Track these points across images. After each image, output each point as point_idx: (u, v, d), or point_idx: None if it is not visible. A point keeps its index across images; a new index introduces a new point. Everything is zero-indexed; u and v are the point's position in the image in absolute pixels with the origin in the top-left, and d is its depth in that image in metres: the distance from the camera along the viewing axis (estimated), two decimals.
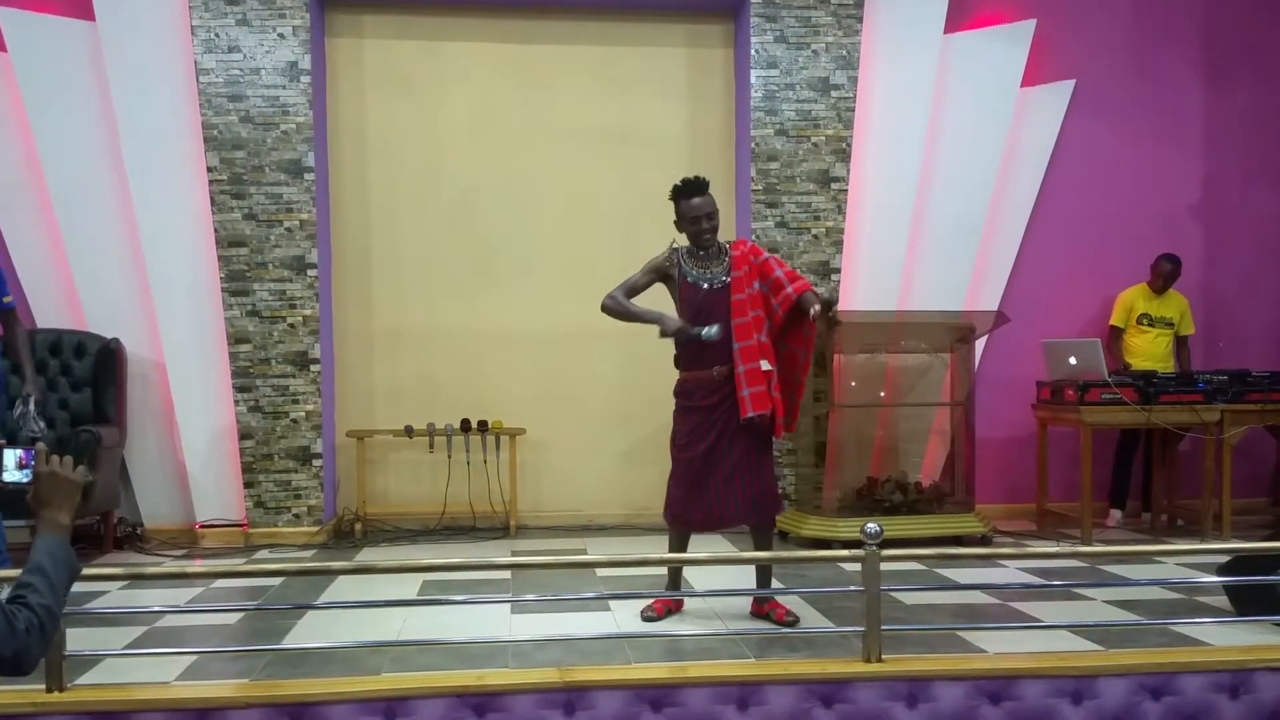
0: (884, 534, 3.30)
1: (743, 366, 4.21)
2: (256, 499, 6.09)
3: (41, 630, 1.93)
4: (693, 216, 4.28)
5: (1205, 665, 3.37)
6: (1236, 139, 7.10)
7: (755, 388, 4.17)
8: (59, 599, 2.01)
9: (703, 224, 4.27)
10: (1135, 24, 6.99)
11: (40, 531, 2.09)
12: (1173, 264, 6.55)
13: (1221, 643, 3.78)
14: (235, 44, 6.01)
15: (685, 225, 4.35)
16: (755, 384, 4.18)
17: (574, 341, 6.67)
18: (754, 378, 4.18)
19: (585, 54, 6.68)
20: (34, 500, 2.10)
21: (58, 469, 2.12)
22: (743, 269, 4.29)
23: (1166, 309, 6.62)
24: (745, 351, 4.22)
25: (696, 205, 4.27)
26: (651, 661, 3.60)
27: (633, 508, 6.66)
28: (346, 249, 6.54)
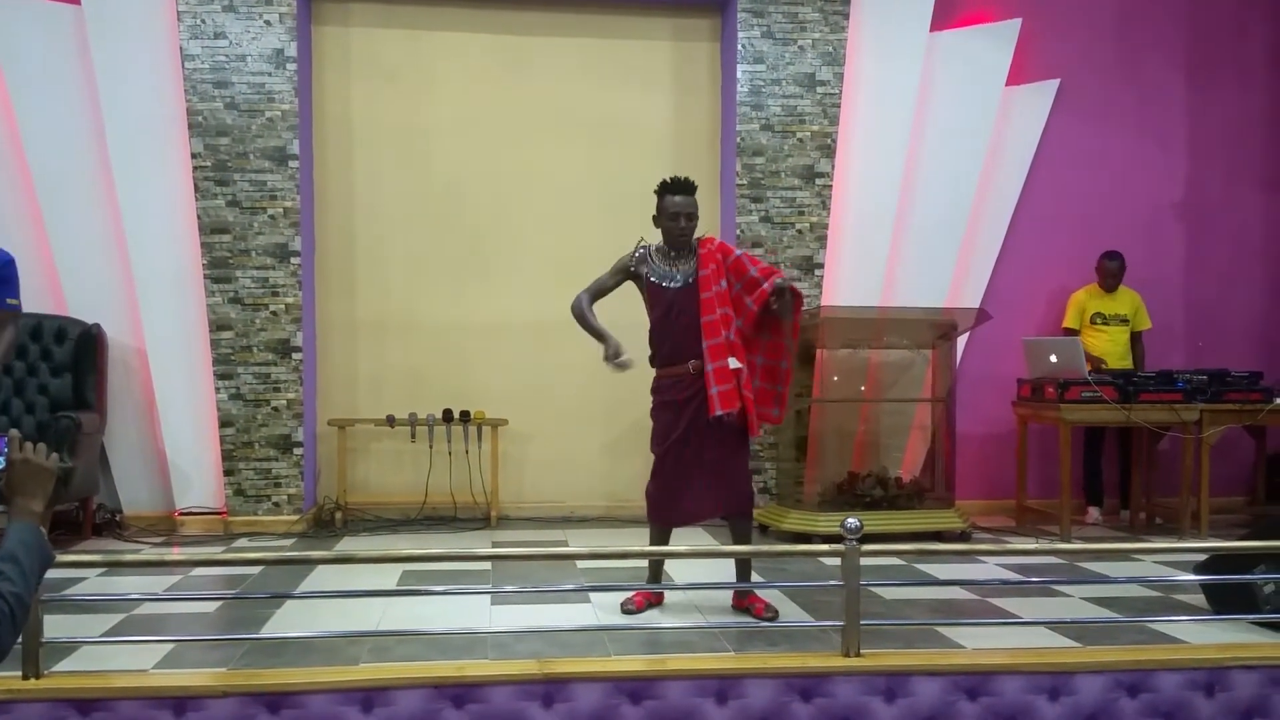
0: (864, 529, 3.32)
1: (711, 365, 4.23)
2: (236, 487, 6.06)
3: (12, 618, 1.92)
4: (672, 213, 4.32)
5: (1182, 663, 3.41)
6: (1218, 140, 7.15)
7: (724, 385, 4.19)
8: (30, 587, 1.99)
9: (680, 222, 4.31)
10: (1120, 25, 7.02)
11: (13, 519, 2.08)
12: (1116, 261, 6.56)
13: (1198, 641, 3.81)
14: (221, 30, 5.97)
15: (663, 220, 4.38)
16: (724, 382, 4.20)
17: (558, 333, 6.61)
18: (723, 375, 4.20)
19: (572, 46, 6.66)
20: (6, 488, 2.09)
21: (31, 456, 2.10)
22: (709, 267, 4.31)
23: (1119, 306, 6.64)
24: (714, 350, 4.25)
25: (678, 203, 4.32)
26: (631, 654, 3.60)
27: (614, 500, 6.67)
28: (330, 237, 6.51)
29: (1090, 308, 6.64)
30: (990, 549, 3.65)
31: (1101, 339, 6.60)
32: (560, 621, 4.03)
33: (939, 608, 4.37)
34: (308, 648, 3.68)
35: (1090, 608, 4.42)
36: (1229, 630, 3.95)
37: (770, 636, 3.86)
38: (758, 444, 6.36)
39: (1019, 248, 6.86)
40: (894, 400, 6.45)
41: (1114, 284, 6.61)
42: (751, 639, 3.83)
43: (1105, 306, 6.63)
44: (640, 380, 6.66)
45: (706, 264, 4.32)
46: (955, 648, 3.75)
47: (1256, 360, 6.92)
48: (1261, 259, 7.24)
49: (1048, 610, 4.36)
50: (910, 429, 6.49)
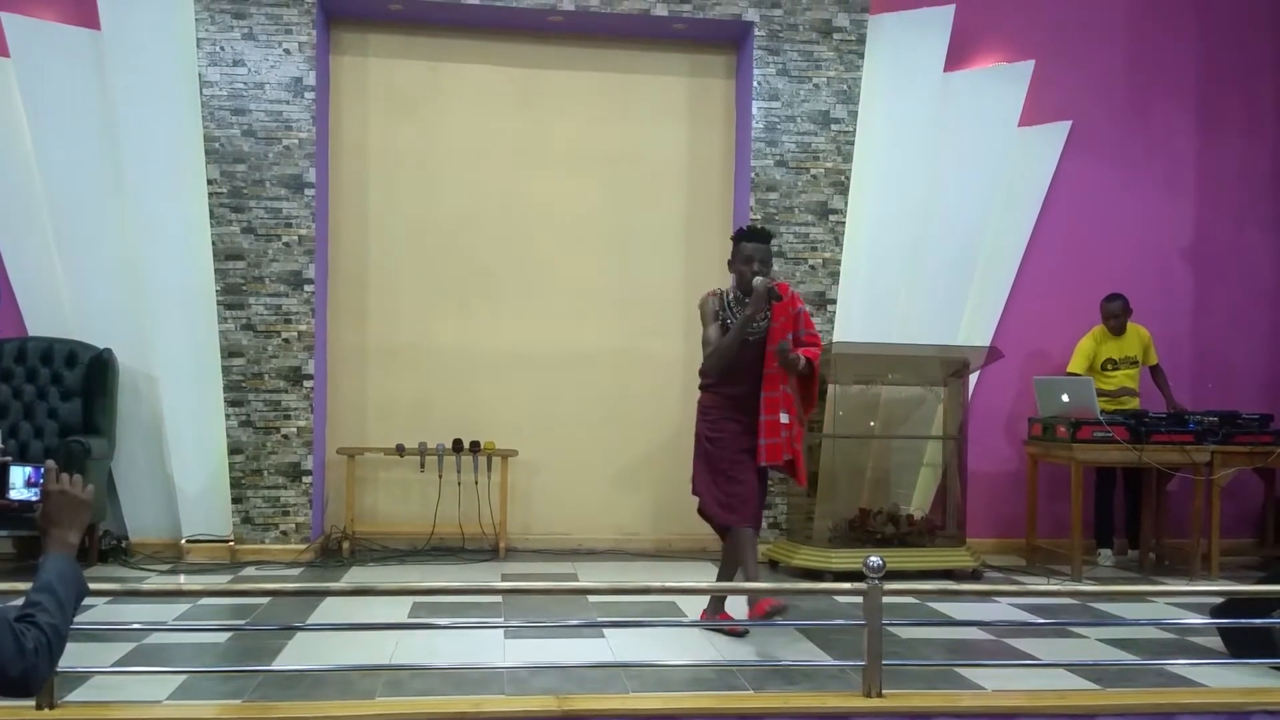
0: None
1: (764, 416, 4.41)
2: (244, 515, 6.03)
3: (49, 650, 1.90)
4: (746, 257, 4.46)
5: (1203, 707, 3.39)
6: (1228, 183, 7.19)
7: (772, 439, 4.40)
8: (67, 619, 1.98)
9: (753, 265, 4.43)
10: (1131, 68, 7.08)
11: (48, 550, 2.06)
12: (1117, 302, 6.56)
13: (1217, 684, 3.79)
14: (240, 58, 6.00)
15: (737, 264, 4.51)
16: (773, 435, 4.40)
17: (568, 365, 6.67)
18: (773, 429, 4.40)
19: (588, 80, 6.71)
20: (43, 519, 2.07)
21: (68, 487, 2.09)
22: (780, 319, 4.44)
23: (1128, 348, 6.62)
24: (769, 402, 4.43)
25: (757, 249, 4.46)
26: (648, 691, 3.57)
27: (622, 532, 6.64)
28: (344, 265, 6.52)
29: (1101, 354, 6.62)
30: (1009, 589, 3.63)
31: (1113, 383, 6.58)
32: (575, 656, 3.99)
33: (955, 648, 4.35)
34: (321, 680, 3.64)
35: (1107, 649, 4.39)
36: (1248, 674, 3.92)
37: (789, 675, 3.83)
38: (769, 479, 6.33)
39: (1030, 287, 6.88)
40: (905, 437, 6.44)
41: (1120, 326, 6.60)
42: (770, 677, 3.80)
43: (1115, 350, 6.62)
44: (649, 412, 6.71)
45: (779, 315, 4.45)
46: (975, 689, 3.72)
47: (1263, 402, 6.93)
48: (1269, 302, 7.26)
49: (1064, 651, 4.34)
50: (920, 466, 6.48)
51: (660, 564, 6.21)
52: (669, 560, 6.35)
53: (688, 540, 6.68)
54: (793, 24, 6.38)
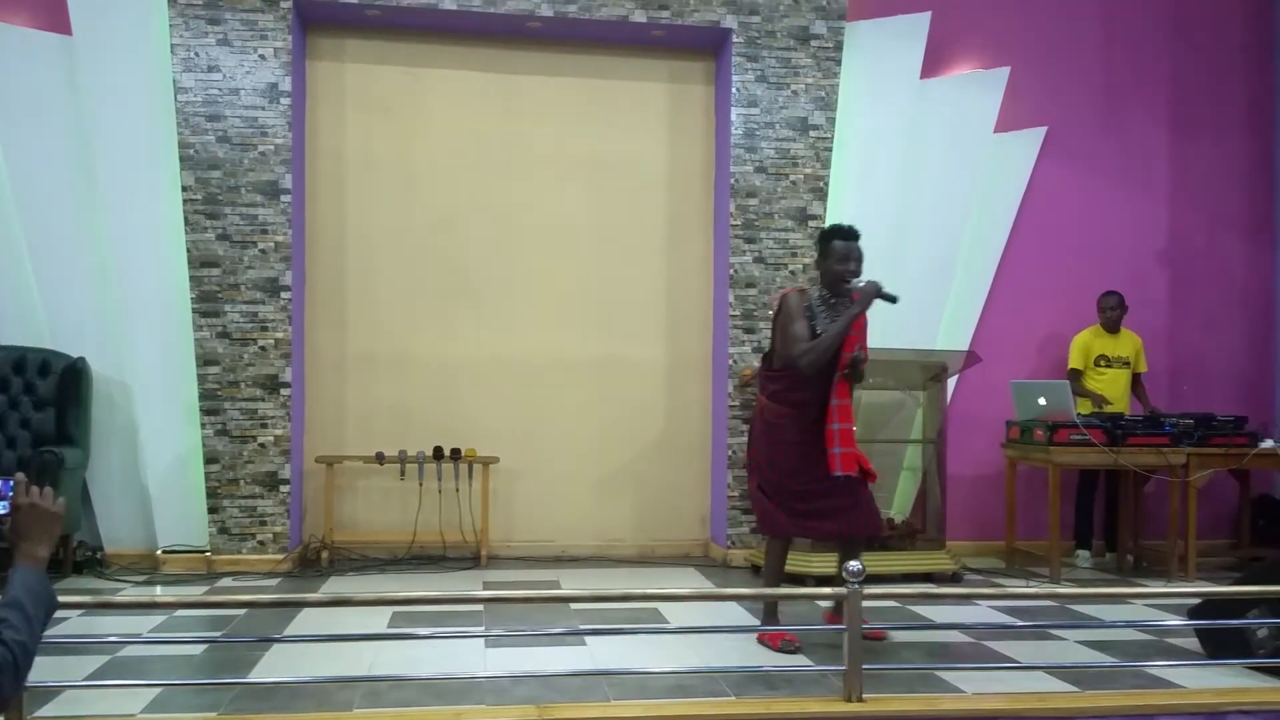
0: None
1: (837, 424, 4.30)
2: (221, 525, 5.97)
3: (15, 667, 1.87)
4: (842, 256, 4.31)
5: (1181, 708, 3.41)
6: (1200, 187, 7.26)
7: (847, 448, 4.29)
8: (35, 635, 1.94)
9: (850, 265, 4.30)
10: (1105, 74, 7.14)
11: (16, 564, 2.03)
12: (1112, 298, 6.64)
13: (1194, 685, 3.81)
14: (215, 64, 5.96)
15: (831, 263, 4.34)
16: (848, 444, 4.29)
17: (550, 371, 6.65)
18: (848, 437, 4.30)
19: (567, 85, 6.70)
20: (12, 533, 2.04)
21: (38, 500, 2.06)
22: (858, 328, 4.35)
23: (1121, 348, 6.70)
24: (843, 409, 4.33)
25: (850, 248, 4.32)
26: (629, 699, 3.56)
27: (605, 539, 6.63)
28: (321, 272, 6.48)
29: (1095, 349, 6.71)
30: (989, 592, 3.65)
31: (1103, 381, 6.66)
32: (555, 665, 3.97)
33: (935, 651, 4.35)
34: (298, 692, 3.62)
35: (1085, 651, 4.41)
36: (1224, 674, 3.95)
37: (770, 680, 3.82)
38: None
39: (1007, 292, 6.92)
40: (885, 441, 6.45)
41: (1115, 323, 6.67)
42: (751, 683, 3.79)
43: (1109, 348, 6.70)
44: (632, 418, 6.70)
45: (859, 324, 4.36)
46: (955, 692, 3.73)
47: (1237, 404, 6.99)
48: (1242, 305, 7.33)
49: (1043, 653, 4.36)
50: (901, 470, 6.49)
51: (643, 570, 6.20)
52: (652, 566, 6.34)
53: (670, 546, 6.69)
54: (770, 31, 6.39)
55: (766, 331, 6.34)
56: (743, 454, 6.34)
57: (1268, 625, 3.92)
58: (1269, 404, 7.29)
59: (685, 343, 6.78)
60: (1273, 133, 7.36)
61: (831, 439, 4.29)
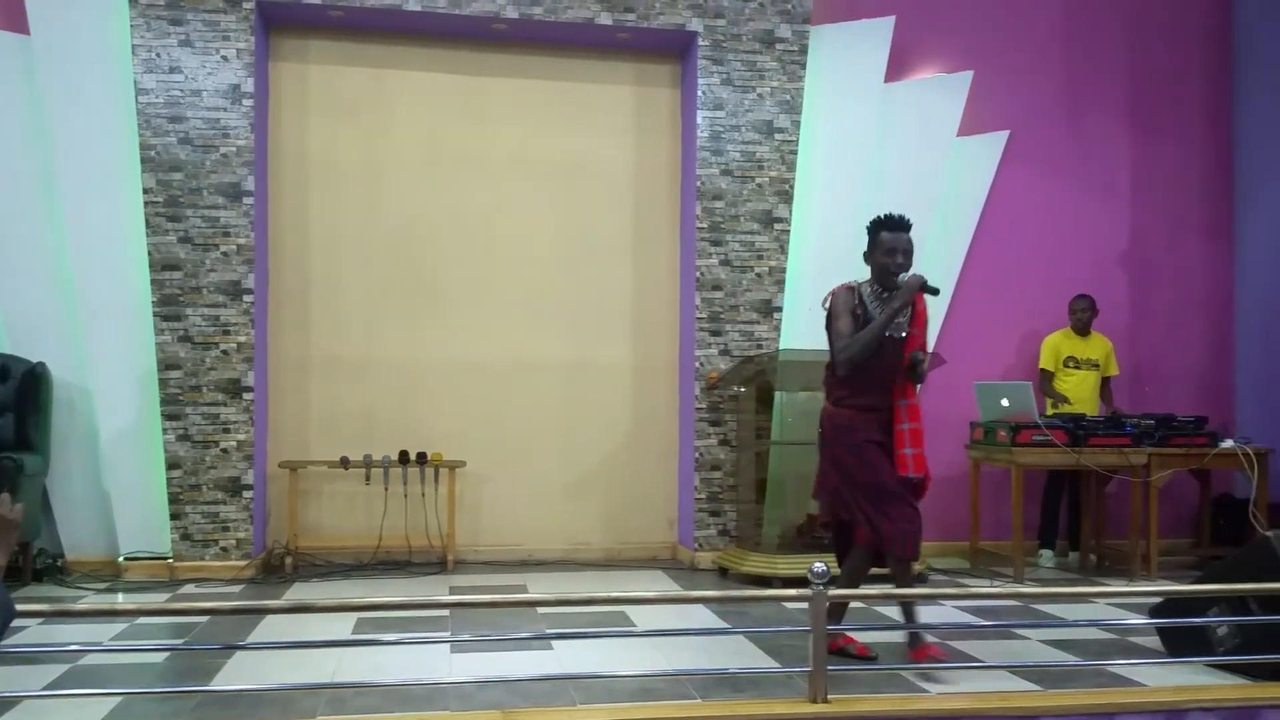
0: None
1: (907, 424, 4.19)
2: (183, 531, 5.91)
3: None
4: (889, 248, 4.16)
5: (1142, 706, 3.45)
6: (1160, 190, 7.36)
7: (918, 449, 4.16)
8: None
9: (897, 258, 4.16)
10: (1067, 79, 7.22)
11: None
12: (1087, 301, 6.73)
13: (1155, 683, 3.85)
14: (177, 65, 5.90)
15: (878, 256, 4.21)
16: (918, 445, 4.17)
17: (516, 374, 6.63)
18: (918, 438, 4.18)
19: (534, 88, 6.68)
20: None
21: None
22: (918, 326, 4.27)
23: (1091, 350, 6.79)
24: (913, 409, 4.22)
25: (898, 239, 4.17)
26: (596, 703, 3.55)
27: (573, 542, 6.62)
28: (285, 275, 6.42)
29: (1064, 350, 6.79)
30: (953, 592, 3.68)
31: (1071, 382, 6.74)
32: (521, 669, 3.96)
33: (900, 651, 4.37)
34: (261, 700, 3.58)
35: (1049, 650, 4.45)
36: (1185, 672, 4.00)
37: (736, 683, 3.83)
38: (718, 486, 6.36)
39: (970, 294, 6.98)
40: None
41: (1085, 326, 6.75)
42: (717, 685, 3.80)
43: (1078, 350, 6.78)
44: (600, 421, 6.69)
45: (921, 320, 4.29)
46: (920, 692, 3.75)
47: (1198, 404, 7.09)
48: (1202, 306, 7.44)
49: (1007, 653, 4.39)
50: None
51: (611, 573, 6.19)
52: (620, 569, 6.33)
53: (638, 549, 6.69)
54: (736, 34, 6.41)
55: (734, 334, 6.37)
56: (709, 456, 6.35)
57: (1228, 623, 3.97)
58: (1229, 404, 7.40)
59: (652, 345, 6.78)
60: (1230, 137, 7.47)
61: (902, 439, 4.17)
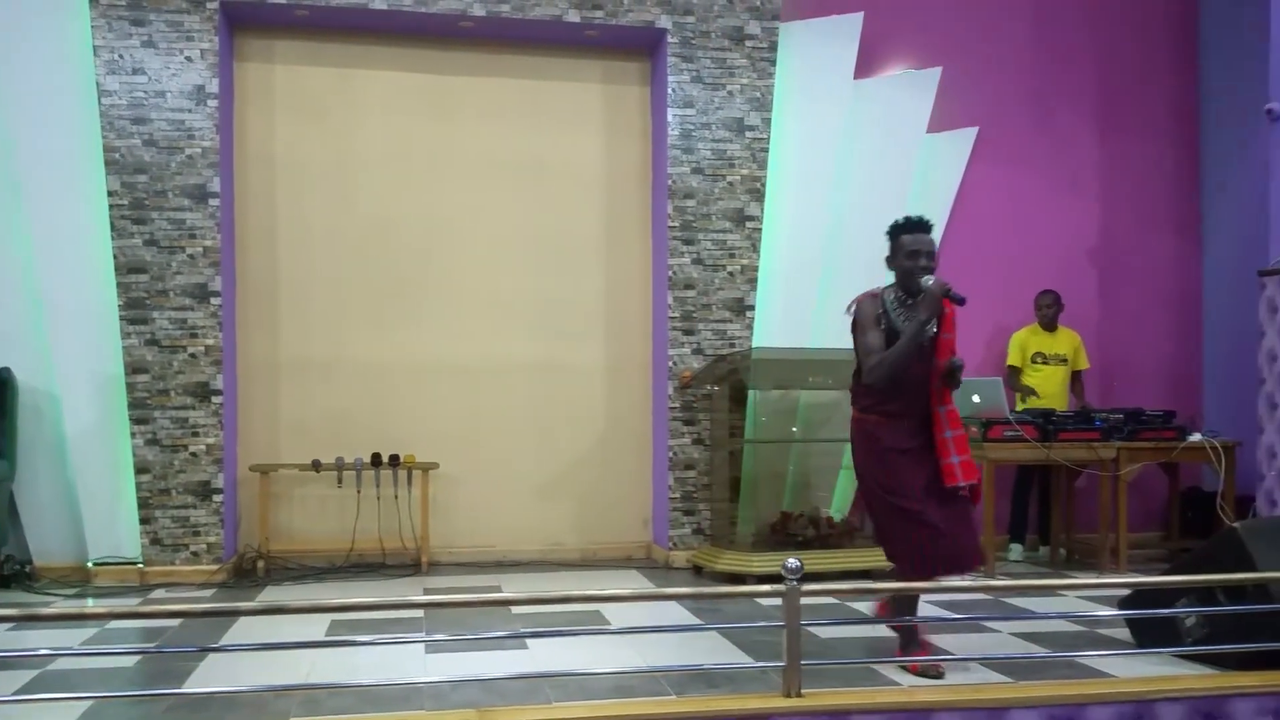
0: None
1: (950, 431, 4.01)
2: (153, 536, 5.85)
3: None
4: (910, 250, 3.98)
5: (1111, 697, 3.48)
6: (1128, 187, 7.44)
7: (964, 455, 3.99)
8: None
9: (919, 260, 3.98)
10: (1034, 76, 7.28)
11: None
12: (1052, 297, 6.79)
13: (1125, 674, 3.89)
14: (140, 66, 5.84)
15: (899, 260, 4.05)
16: (964, 451, 4.00)
17: (489, 375, 6.61)
18: (963, 445, 4.01)
19: (502, 86, 6.66)
20: None
21: None
22: (949, 330, 4.09)
23: (1059, 345, 6.84)
24: (953, 416, 4.04)
25: (919, 240, 4.00)
26: (571, 701, 3.54)
27: (547, 543, 6.60)
28: (252, 277, 6.37)
29: (1031, 346, 6.84)
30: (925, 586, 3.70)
31: (1039, 377, 6.79)
32: (497, 669, 3.94)
33: (874, 646, 4.39)
34: (234, 703, 3.56)
35: (1019, 643, 4.48)
36: (1154, 663, 4.04)
37: (711, 678, 3.83)
38: (691, 485, 6.37)
39: None
40: (824, 440, 6.50)
41: (1051, 321, 6.81)
42: (692, 681, 3.80)
43: (1045, 346, 6.83)
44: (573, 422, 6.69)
45: (949, 325, 4.08)
46: (892, 685, 3.77)
47: (1166, 399, 7.16)
48: (1169, 301, 7.52)
49: (979, 646, 4.42)
50: (840, 469, 6.55)
51: (586, 573, 6.18)
52: (595, 569, 6.33)
53: (613, 548, 6.68)
54: (705, 31, 6.42)
55: (707, 333, 6.39)
56: (683, 455, 6.36)
57: (1196, 614, 4.01)
58: (1196, 398, 7.49)
59: (625, 345, 6.78)
60: (1197, 134, 7.56)
61: (946, 448, 3.99)
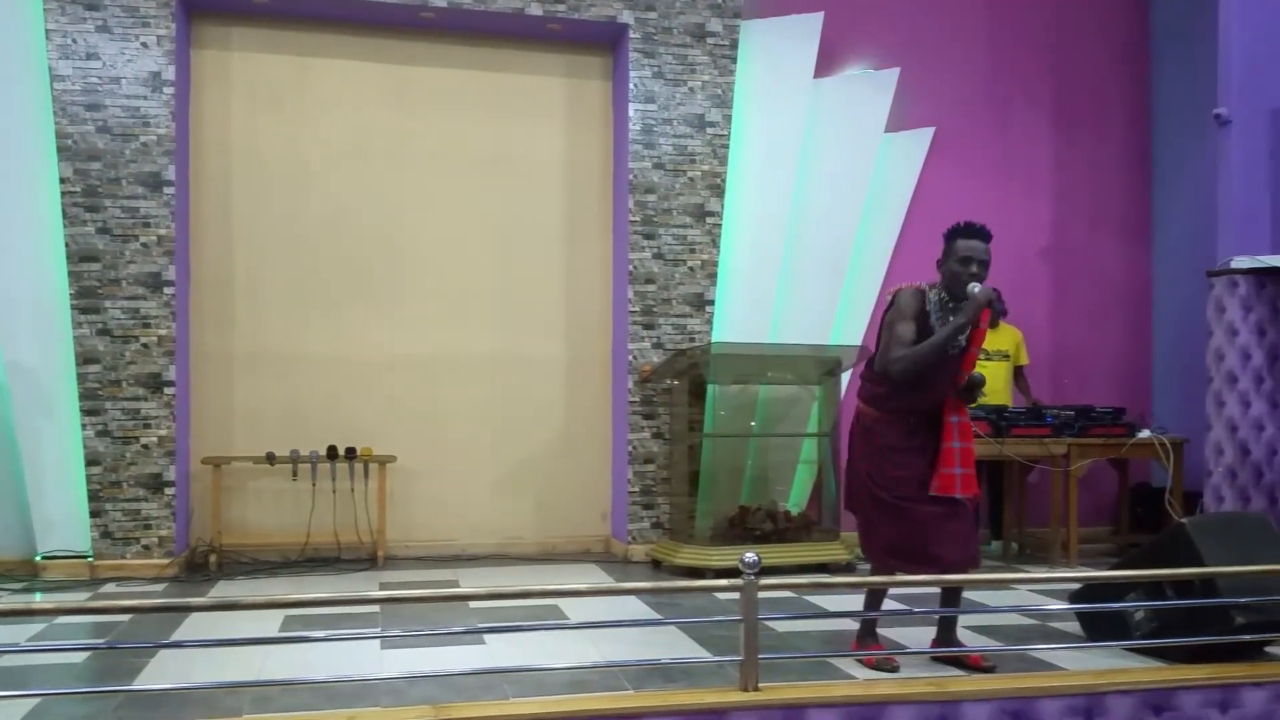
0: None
1: (958, 443, 3.98)
2: (104, 529, 5.76)
3: None
4: (963, 256, 3.97)
5: (1062, 690, 3.53)
6: (1081, 187, 7.55)
7: (968, 469, 3.99)
8: None
9: (971, 267, 3.96)
10: (990, 77, 7.36)
11: None
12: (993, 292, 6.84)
13: (1075, 667, 3.95)
14: (94, 51, 5.74)
15: (950, 263, 4.02)
16: (968, 465, 3.99)
17: (447, 368, 6.57)
18: (968, 458, 4.00)
19: (463, 78, 6.63)
20: None
21: None
22: (977, 343, 4.08)
23: (1000, 342, 6.91)
24: (964, 428, 4.02)
25: (973, 247, 3.97)
26: (528, 696, 3.54)
27: (505, 537, 6.59)
28: (206, 267, 6.29)
29: None
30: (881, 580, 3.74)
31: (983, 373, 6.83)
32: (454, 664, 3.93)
33: (830, 639, 4.43)
34: (186, 700, 3.52)
35: (971, 636, 4.53)
36: (1104, 656, 4.11)
37: (668, 673, 3.85)
38: (651, 479, 6.38)
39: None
40: (781, 435, 6.55)
41: (995, 320, 6.84)
42: (650, 676, 3.81)
43: (987, 342, 6.87)
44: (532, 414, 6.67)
45: (979, 338, 4.07)
46: (848, 679, 3.80)
47: (1116, 396, 7.29)
48: (1120, 301, 7.64)
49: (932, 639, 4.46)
50: (798, 463, 6.60)
51: (544, 567, 6.18)
52: (553, 563, 6.32)
53: (571, 542, 6.68)
54: (667, 27, 6.43)
55: (667, 328, 6.40)
56: (643, 449, 6.37)
57: (1145, 608, 4.08)
58: (1146, 396, 7.62)
59: (585, 339, 6.77)
60: (1149, 134, 7.69)
61: (951, 458, 3.96)
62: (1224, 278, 5.54)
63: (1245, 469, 5.52)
